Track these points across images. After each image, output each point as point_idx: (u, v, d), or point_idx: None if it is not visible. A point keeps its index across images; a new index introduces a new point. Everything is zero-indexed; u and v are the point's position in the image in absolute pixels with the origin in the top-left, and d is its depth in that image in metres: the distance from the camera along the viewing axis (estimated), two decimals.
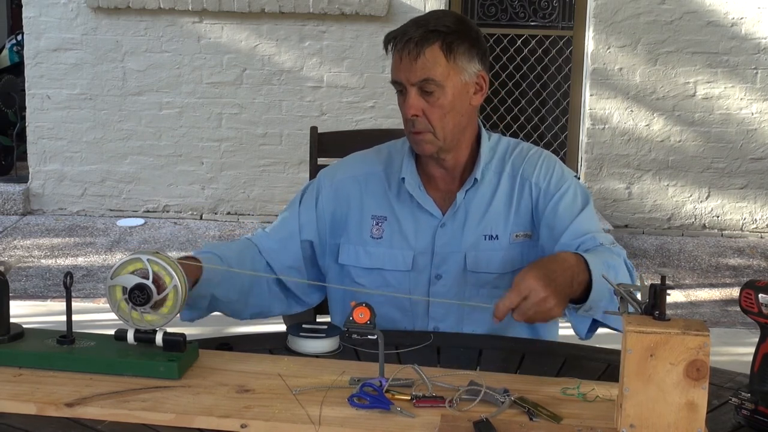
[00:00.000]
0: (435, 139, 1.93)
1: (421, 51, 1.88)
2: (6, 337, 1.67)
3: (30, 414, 1.49)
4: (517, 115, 6.26)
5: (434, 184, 2.03)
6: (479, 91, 1.97)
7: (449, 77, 1.90)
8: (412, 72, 1.89)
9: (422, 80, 1.89)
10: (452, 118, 1.93)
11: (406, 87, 1.90)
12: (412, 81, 1.89)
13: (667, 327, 1.39)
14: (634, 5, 5.94)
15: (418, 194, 2.01)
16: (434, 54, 1.88)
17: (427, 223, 2.01)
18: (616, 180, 6.11)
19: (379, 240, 2.03)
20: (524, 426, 1.45)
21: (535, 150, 2.05)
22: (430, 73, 1.88)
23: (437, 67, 1.89)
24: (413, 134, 1.94)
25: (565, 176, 2.01)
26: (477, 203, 2.00)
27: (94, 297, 4.64)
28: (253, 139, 6.14)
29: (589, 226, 1.95)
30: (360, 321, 1.60)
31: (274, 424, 1.45)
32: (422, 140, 1.94)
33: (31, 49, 6.11)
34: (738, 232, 6.12)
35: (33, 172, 6.23)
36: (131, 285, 1.62)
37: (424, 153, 1.97)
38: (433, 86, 1.89)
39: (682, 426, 1.38)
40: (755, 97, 6.00)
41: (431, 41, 1.88)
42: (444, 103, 1.91)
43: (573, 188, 1.99)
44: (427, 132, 1.92)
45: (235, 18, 6.01)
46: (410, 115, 1.91)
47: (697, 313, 4.68)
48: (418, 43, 1.88)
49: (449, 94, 1.91)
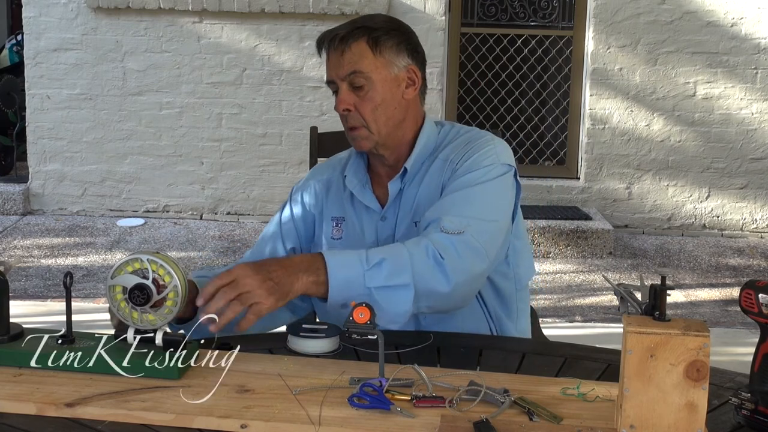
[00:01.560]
0: (370, 133, 1.96)
1: (347, 45, 1.93)
2: (6, 337, 1.68)
3: (30, 414, 1.49)
4: (517, 115, 6.26)
5: (379, 180, 2.06)
6: (411, 85, 1.99)
7: (377, 70, 1.94)
8: (340, 67, 1.93)
9: (350, 73, 1.93)
10: (384, 111, 1.96)
11: (338, 83, 1.95)
12: (341, 75, 1.94)
13: (667, 327, 1.39)
14: (634, 5, 5.94)
15: (358, 191, 2.04)
16: (360, 48, 1.93)
17: (370, 218, 2.04)
18: (616, 180, 6.11)
19: (339, 240, 2.07)
20: (524, 426, 1.45)
21: (479, 136, 2.02)
22: (357, 66, 1.93)
23: (364, 60, 1.93)
24: (349, 131, 1.98)
25: (484, 160, 1.94)
26: (410, 193, 2.01)
27: (94, 297, 4.64)
28: (253, 139, 6.14)
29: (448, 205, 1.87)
30: (360, 321, 1.60)
31: (274, 424, 1.45)
32: (358, 136, 1.97)
33: (31, 49, 6.11)
34: (738, 232, 6.12)
35: (33, 172, 6.23)
36: (131, 285, 1.62)
37: (361, 149, 2.00)
38: (362, 79, 1.93)
39: (682, 426, 1.38)
40: (755, 97, 6.00)
41: (357, 36, 1.94)
42: (374, 96, 1.94)
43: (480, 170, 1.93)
44: (361, 127, 1.96)
45: (235, 18, 6.01)
46: (341, 110, 1.95)
47: (697, 313, 4.68)
48: (343, 39, 1.94)
49: (378, 87, 1.94)
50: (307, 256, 1.76)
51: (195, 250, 5.54)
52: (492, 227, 1.89)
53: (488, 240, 1.86)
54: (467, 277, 1.81)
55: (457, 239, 1.80)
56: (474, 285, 1.88)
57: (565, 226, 5.60)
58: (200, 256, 5.39)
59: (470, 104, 6.24)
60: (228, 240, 5.75)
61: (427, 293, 1.77)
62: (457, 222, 1.83)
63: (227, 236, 5.82)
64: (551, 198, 6.13)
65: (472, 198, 1.89)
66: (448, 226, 1.82)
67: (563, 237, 5.58)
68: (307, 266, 1.71)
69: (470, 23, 6.19)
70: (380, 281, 1.73)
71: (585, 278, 5.20)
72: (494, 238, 1.89)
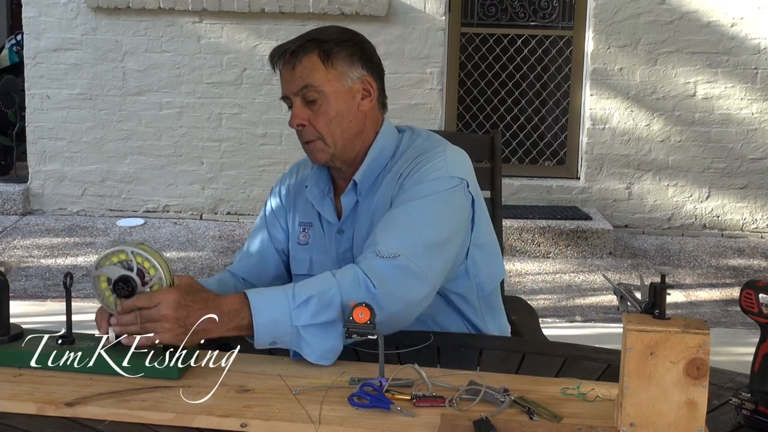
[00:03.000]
0: (326, 146, 1.93)
1: (298, 60, 1.89)
2: (6, 337, 1.68)
3: (30, 414, 1.49)
4: (517, 115, 6.26)
5: (340, 192, 2.02)
6: (367, 96, 1.95)
7: (329, 83, 1.90)
8: (292, 82, 1.90)
9: (302, 87, 1.90)
10: (339, 124, 1.92)
11: (291, 99, 1.92)
12: (293, 90, 1.91)
13: (667, 325, 1.39)
14: (634, 5, 5.94)
15: (318, 202, 2.02)
16: (311, 61, 1.89)
17: (329, 229, 2.02)
18: (616, 180, 6.11)
19: (305, 246, 2.05)
20: (524, 425, 1.45)
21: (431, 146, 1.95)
22: (308, 80, 1.89)
23: (315, 73, 1.89)
24: (305, 144, 1.95)
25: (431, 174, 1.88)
26: (366, 206, 1.97)
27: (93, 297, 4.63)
28: (253, 139, 6.14)
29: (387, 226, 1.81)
30: (360, 321, 1.60)
31: (274, 423, 1.45)
32: (314, 149, 1.94)
33: (31, 49, 6.11)
34: (738, 232, 6.12)
35: (33, 172, 6.23)
36: (116, 276, 1.63)
37: (318, 162, 1.97)
38: (314, 93, 1.90)
39: (682, 424, 1.38)
40: (755, 97, 6.00)
41: (308, 50, 1.90)
42: (327, 109, 1.91)
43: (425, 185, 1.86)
44: (317, 140, 1.93)
45: (235, 18, 6.01)
46: (295, 125, 1.92)
47: (698, 313, 4.68)
48: (294, 53, 1.89)
49: (331, 100, 1.90)
50: (235, 300, 1.67)
51: (195, 250, 5.54)
52: (433, 247, 1.80)
53: (428, 263, 1.78)
54: (402, 305, 1.75)
55: (392, 264, 1.73)
56: (412, 311, 1.79)
57: (565, 226, 5.60)
58: (200, 256, 5.39)
59: (470, 104, 6.24)
60: (228, 240, 5.75)
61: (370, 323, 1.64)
62: (394, 244, 1.76)
63: (227, 236, 5.82)
64: (551, 198, 6.13)
65: (413, 215, 1.82)
66: (384, 250, 1.75)
67: (563, 237, 5.58)
68: (232, 314, 1.65)
69: (470, 23, 6.19)
70: (307, 319, 1.66)
71: (585, 278, 5.20)
72: (437, 258, 1.81)
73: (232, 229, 5.99)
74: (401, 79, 5.90)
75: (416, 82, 5.95)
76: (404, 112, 5.81)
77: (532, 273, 5.27)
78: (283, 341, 1.67)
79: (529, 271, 5.29)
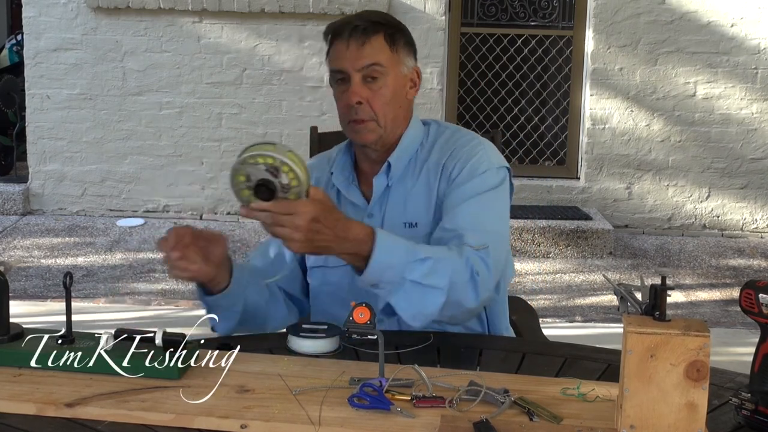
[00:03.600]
0: (377, 127, 1.96)
1: (368, 38, 1.94)
2: (6, 337, 1.68)
3: (30, 414, 1.49)
4: (517, 115, 6.26)
5: (365, 178, 2.05)
6: (413, 87, 2.03)
7: (392, 66, 1.96)
8: (359, 58, 1.93)
9: (369, 65, 1.93)
10: (392, 108, 1.97)
11: (350, 74, 1.94)
12: (357, 67, 1.93)
13: (668, 328, 1.39)
14: (634, 5, 5.94)
15: (344, 187, 2.04)
16: (379, 42, 1.95)
17: (355, 215, 1.99)
18: (616, 180, 6.11)
19: None
20: (524, 426, 1.45)
21: (464, 139, 2.02)
22: (377, 58, 1.94)
23: (382, 54, 1.95)
24: (354, 123, 1.96)
25: (481, 167, 1.95)
26: (399, 192, 2.00)
27: (94, 297, 4.64)
28: (253, 139, 6.12)
29: (467, 219, 1.88)
30: (360, 321, 1.60)
31: (274, 424, 1.45)
32: (364, 128, 1.96)
33: (31, 49, 6.11)
34: (738, 232, 6.12)
35: (33, 172, 6.23)
36: (258, 177, 1.60)
37: (365, 141, 1.98)
38: (378, 72, 1.94)
39: (682, 427, 1.38)
40: (755, 97, 6.00)
41: (377, 31, 1.95)
42: (386, 92, 1.95)
43: (480, 177, 1.94)
44: (371, 120, 1.95)
45: (235, 18, 6.01)
46: (354, 102, 1.93)
47: (698, 313, 4.68)
48: (365, 31, 1.94)
49: (391, 83, 1.96)
50: (364, 229, 1.72)
51: None
52: (502, 241, 1.92)
53: (500, 255, 1.88)
54: (489, 295, 1.84)
55: (485, 256, 1.81)
56: (489, 302, 1.92)
57: (565, 226, 5.60)
58: None
59: (470, 104, 6.24)
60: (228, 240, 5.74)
61: (456, 304, 1.77)
62: (479, 237, 1.83)
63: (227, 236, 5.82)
64: (551, 198, 6.13)
65: (481, 211, 1.90)
66: (472, 242, 1.82)
67: (563, 237, 5.58)
68: (356, 242, 1.70)
69: (470, 23, 6.19)
70: (417, 276, 1.73)
71: (585, 278, 5.20)
72: (503, 251, 1.92)
73: (232, 229, 5.99)
74: None
75: None
76: None
77: (532, 273, 5.27)
78: (385, 287, 1.73)
79: (529, 271, 5.29)
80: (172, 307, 4.50)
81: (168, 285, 4.86)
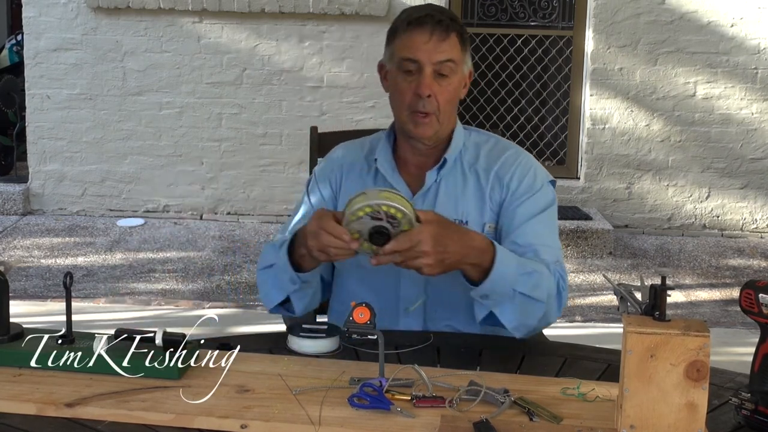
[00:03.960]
0: (437, 122, 1.98)
1: (449, 34, 1.95)
2: (6, 337, 1.68)
3: (30, 414, 1.49)
4: (517, 115, 6.26)
5: (407, 168, 2.06)
6: (465, 87, 2.05)
7: (459, 65, 1.99)
8: (439, 52, 1.94)
9: (446, 60, 1.95)
10: (452, 104, 2.01)
11: (423, 66, 1.94)
12: (434, 60, 1.94)
13: (668, 328, 1.39)
14: (634, 5, 5.94)
15: (390, 175, 2.04)
16: (455, 40, 1.97)
17: None
18: (616, 180, 6.11)
19: None
20: (524, 426, 1.45)
21: (512, 150, 2.07)
22: (453, 55, 1.96)
23: (456, 52, 1.97)
24: (418, 114, 1.97)
25: (537, 182, 2.02)
26: (448, 187, 2.03)
27: (94, 297, 4.64)
28: (253, 139, 6.14)
29: (537, 236, 1.96)
30: (360, 321, 1.60)
31: (274, 424, 1.45)
32: (426, 122, 1.97)
33: (31, 49, 6.11)
34: (738, 232, 6.12)
35: (33, 172, 6.23)
36: (368, 229, 1.67)
37: (423, 135, 1.99)
38: (450, 69, 1.96)
39: (682, 427, 1.38)
40: (755, 97, 6.00)
41: (455, 28, 1.98)
42: (451, 89, 1.98)
43: (540, 193, 2.01)
44: (433, 114, 1.97)
45: (235, 18, 6.01)
46: (426, 94, 1.94)
47: (697, 313, 4.68)
48: (448, 27, 1.95)
49: (455, 81, 1.98)
50: (483, 240, 1.80)
51: (195, 250, 5.54)
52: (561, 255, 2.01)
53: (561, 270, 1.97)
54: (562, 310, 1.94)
55: (562, 271, 1.93)
56: None
57: (565, 226, 5.59)
58: (200, 256, 5.39)
59: (470, 104, 6.24)
60: (228, 240, 5.75)
61: (545, 317, 1.87)
62: (551, 253, 1.94)
63: (227, 236, 5.82)
64: None
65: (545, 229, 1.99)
66: (548, 258, 1.92)
67: (563, 237, 5.58)
68: (480, 252, 1.77)
69: (470, 23, 6.18)
70: (525, 288, 1.81)
71: (585, 278, 5.20)
72: None
73: (232, 229, 5.99)
74: None
75: None
76: None
77: None
78: (495, 298, 1.80)
79: None
80: (172, 307, 4.50)
81: (168, 285, 4.86)
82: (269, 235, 5.82)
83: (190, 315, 4.29)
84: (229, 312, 4.38)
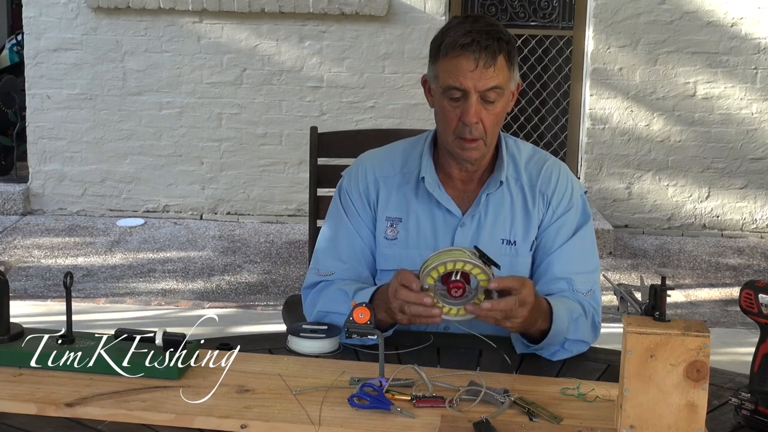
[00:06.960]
0: (484, 146, 1.94)
1: (495, 60, 1.88)
2: (6, 337, 1.68)
3: (30, 414, 1.49)
4: (517, 115, 6.26)
5: (452, 183, 2.02)
6: (512, 99, 1.99)
7: (507, 86, 1.92)
8: (485, 79, 1.88)
9: (492, 87, 1.89)
10: (498, 125, 1.96)
11: (470, 93, 1.89)
12: (480, 88, 1.88)
13: (667, 328, 1.39)
14: (634, 5, 5.94)
15: (438, 193, 2.00)
16: (502, 63, 1.90)
17: (446, 221, 2.00)
18: (616, 180, 6.11)
19: (394, 241, 2.01)
20: (524, 426, 1.45)
21: (550, 161, 2.06)
22: (499, 81, 1.89)
23: (503, 75, 1.90)
24: (466, 141, 1.92)
25: (574, 198, 2.03)
26: (496, 206, 2.00)
27: (94, 297, 4.63)
28: (253, 139, 6.14)
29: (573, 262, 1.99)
30: (360, 321, 1.60)
31: (274, 424, 1.45)
32: (473, 147, 1.93)
33: (31, 49, 6.11)
34: (738, 232, 6.12)
35: (33, 172, 6.23)
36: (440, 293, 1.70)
37: (470, 159, 1.95)
38: (497, 95, 1.90)
39: (682, 427, 1.38)
40: (755, 97, 6.00)
41: (501, 50, 1.90)
42: (498, 112, 1.93)
43: (575, 210, 2.02)
44: (480, 139, 1.92)
45: (235, 18, 6.01)
46: (473, 123, 1.89)
47: (697, 313, 4.67)
48: (494, 53, 1.88)
49: (502, 103, 1.93)
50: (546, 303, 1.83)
51: (195, 250, 5.54)
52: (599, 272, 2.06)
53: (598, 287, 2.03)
54: None
55: (593, 302, 1.98)
56: None
57: None
58: (200, 256, 5.39)
59: None
60: (228, 240, 5.75)
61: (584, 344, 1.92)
62: (585, 279, 1.98)
63: (227, 236, 5.82)
64: None
65: (583, 250, 2.02)
66: (581, 288, 1.97)
67: None
68: (546, 316, 1.82)
69: None
70: (574, 335, 1.87)
71: None
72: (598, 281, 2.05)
73: (232, 229, 5.99)
74: (401, 79, 5.90)
75: (416, 82, 5.94)
76: (404, 112, 5.80)
77: None
78: (549, 348, 1.85)
79: None
80: (172, 307, 4.50)
81: (168, 285, 4.86)
82: (269, 235, 5.83)
83: (190, 315, 4.28)
84: (229, 312, 4.37)
